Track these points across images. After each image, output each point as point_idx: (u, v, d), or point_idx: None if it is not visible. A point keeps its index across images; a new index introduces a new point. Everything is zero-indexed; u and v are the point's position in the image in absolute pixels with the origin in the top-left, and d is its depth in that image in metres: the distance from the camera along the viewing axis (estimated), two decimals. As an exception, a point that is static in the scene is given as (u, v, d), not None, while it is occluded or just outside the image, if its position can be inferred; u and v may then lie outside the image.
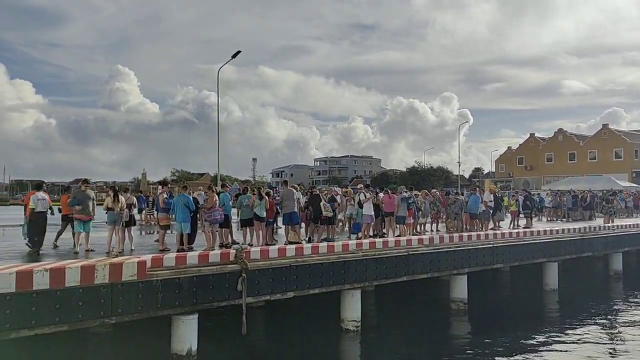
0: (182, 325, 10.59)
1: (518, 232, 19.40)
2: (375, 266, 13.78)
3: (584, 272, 21.75)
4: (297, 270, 12.25)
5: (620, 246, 22.26)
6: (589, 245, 20.58)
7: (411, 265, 14.57)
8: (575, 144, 65.67)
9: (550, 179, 59.36)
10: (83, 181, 14.20)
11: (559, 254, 19.16)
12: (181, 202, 13.24)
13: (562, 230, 20.66)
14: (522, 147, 74.89)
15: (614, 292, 20.27)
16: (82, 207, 12.99)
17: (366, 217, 16.76)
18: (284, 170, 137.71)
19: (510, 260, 17.63)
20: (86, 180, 14.37)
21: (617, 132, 64.69)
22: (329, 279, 12.82)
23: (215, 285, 10.98)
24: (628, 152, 60.65)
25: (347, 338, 13.25)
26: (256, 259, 11.99)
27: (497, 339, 13.62)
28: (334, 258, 13.09)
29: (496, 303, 17.92)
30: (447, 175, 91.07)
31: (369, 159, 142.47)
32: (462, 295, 15.83)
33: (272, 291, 11.90)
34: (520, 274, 19.58)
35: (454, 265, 15.65)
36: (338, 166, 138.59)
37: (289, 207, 14.99)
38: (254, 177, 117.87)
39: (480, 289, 16.87)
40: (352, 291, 13.34)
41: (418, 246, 15.40)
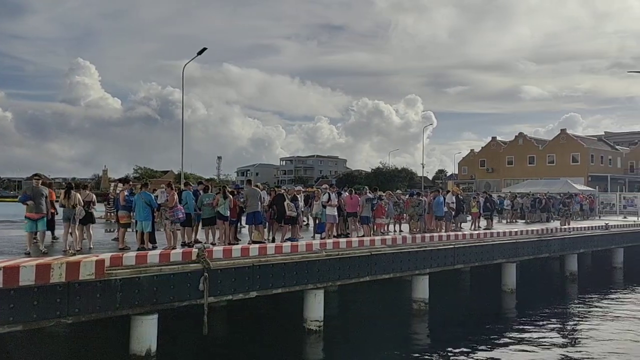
0: (142, 325, 10.41)
1: (478, 234, 19.78)
2: (339, 266, 13.83)
3: (541, 272, 22.36)
4: (260, 270, 12.19)
5: (576, 248, 22.95)
6: (546, 246, 21.15)
7: (374, 266, 14.68)
8: (534, 148, 67.38)
9: (511, 181, 60.81)
10: (34, 176, 13.33)
11: (518, 255, 19.63)
12: (142, 200, 13.00)
13: (521, 232, 21.18)
14: (484, 150, 76.44)
15: (569, 293, 20.90)
16: (33, 203, 12.09)
17: (330, 217, 16.83)
18: (249, 169, 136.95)
19: (471, 261, 17.97)
20: (38, 175, 13.50)
21: (574, 137, 66.70)
22: (292, 279, 12.81)
23: (176, 285, 10.83)
24: (584, 156, 62.61)
25: (309, 338, 13.26)
26: (219, 258, 11.88)
27: (457, 339, 13.85)
28: (297, 258, 13.08)
29: (456, 303, 18.23)
30: (411, 176, 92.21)
31: (335, 159, 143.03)
32: (423, 295, 16.05)
33: (235, 291, 11.81)
34: (480, 275, 20.00)
35: (416, 266, 15.85)
36: (304, 166, 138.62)
37: (252, 207, 14.90)
38: (219, 176, 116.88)
39: (441, 289, 17.13)
40: (315, 291, 13.37)
41: (381, 246, 15.53)
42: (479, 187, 65.67)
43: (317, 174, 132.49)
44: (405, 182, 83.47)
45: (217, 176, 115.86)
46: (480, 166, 74.66)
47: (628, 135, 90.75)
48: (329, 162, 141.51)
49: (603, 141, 74.09)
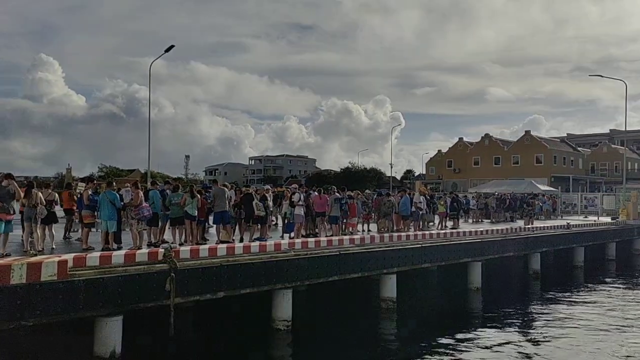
0: (106, 327, 10.22)
1: (445, 233, 20.07)
2: (307, 266, 13.84)
3: (505, 271, 22.79)
4: (228, 270, 12.10)
5: (539, 247, 23.50)
6: (510, 245, 21.60)
7: (343, 265, 14.74)
8: (500, 149, 68.72)
9: (477, 181, 61.81)
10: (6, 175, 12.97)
11: (483, 254, 19.99)
12: (107, 199, 12.75)
13: (486, 231, 21.57)
14: (451, 151, 77.54)
15: (532, 291, 21.38)
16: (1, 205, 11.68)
17: (297, 217, 16.84)
18: (218, 168, 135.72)
19: (438, 260, 18.20)
20: (9, 175, 13.15)
21: (538, 138, 68.26)
22: (261, 279, 12.75)
23: (142, 286, 10.66)
24: (548, 157, 64.16)
25: (277, 338, 13.23)
26: (186, 258, 11.75)
27: (424, 337, 14.02)
28: (265, 258, 13.03)
29: (424, 301, 18.43)
30: (380, 176, 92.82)
31: (304, 158, 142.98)
32: (391, 294, 16.18)
33: (202, 291, 11.70)
34: (447, 273, 20.26)
35: (384, 265, 15.97)
36: (273, 165, 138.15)
37: (220, 206, 14.78)
38: (187, 175, 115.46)
39: (408, 288, 17.30)
40: (284, 291, 13.34)
41: (349, 246, 15.61)
42: (446, 187, 66.60)
43: (287, 173, 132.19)
44: (374, 182, 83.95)
45: (185, 175, 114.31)
46: (448, 166, 75.73)
47: (589, 137, 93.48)
48: (299, 161, 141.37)
49: (565, 143, 76.07)
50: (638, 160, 76.76)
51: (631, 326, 15.37)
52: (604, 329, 14.99)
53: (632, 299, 19.64)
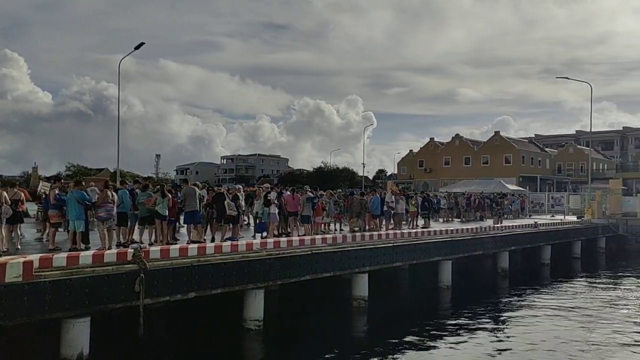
0: (73, 329, 10.02)
1: (417, 232, 20.28)
2: (280, 265, 13.82)
3: (475, 269, 23.16)
4: (199, 270, 12.01)
5: (507, 245, 23.94)
6: (480, 244, 21.96)
7: (315, 264, 14.76)
8: (470, 149, 69.74)
9: (448, 181, 62.61)
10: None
11: (453, 252, 20.27)
12: (74, 199, 12.50)
13: (457, 230, 21.88)
14: (422, 151, 78.34)
15: (501, 288, 21.77)
16: None
17: (273, 216, 16.81)
18: (189, 167, 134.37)
19: (409, 259, 18.39)
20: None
21: (507, 139, 69.51)
22: (232, 279, 12.69)
23: (110, 287, 10.50)
24: (516, 157, 65.39)
25: (249, 338, 13.19)
26: (156, 258, 11.60)
27: (396, 335, 14.13)
28: (237, 257, 12.97)
29: (395, 300, 18.60)
30: (352, 176, 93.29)
31: (277, 158, 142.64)
32: (363, 293, 16.28)
33: (173, 292, 11.57)
34: (418, 272, 20.48)
35: (356, 264, 16.06)
36: (245, 165, 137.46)
37: (191, 206, 14.64)
38: (157, 174, 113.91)
39: (380, 287, 17.42)
40: (256, 291, 13.30)
41: (322, 245, 15.64)
42: (417, 186, 67.24)
43: (259, 172, 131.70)
44: (347, 182, 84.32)
45: (156, 174, 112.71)
46: (419, 166, 76.48)
47: (556, 138, 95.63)
48: (271, 161, 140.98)
49: (533, 143, 77.64)
50: (603, 161, 78.85)
51: (594, 322, 15.79)
52: (569, 326, 15.37)
53: (596, 297, 20.17)
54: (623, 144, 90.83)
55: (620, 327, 15.21)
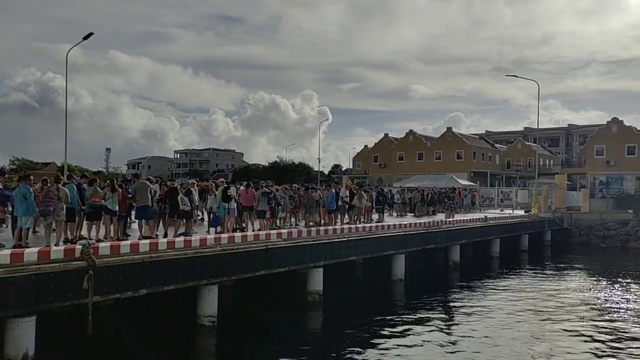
0: (17, 329, 9.66)
1: (371, 227, 20.51)
2: (234, 261, 13.71)
3: (427, 262, 23.64)
4: (150, 266, 11.77)
5: (459, 239, 24.54)
6: (432, 238, 22.41)
7: (270, 259, 14.72)
8: (423, 145, 70.92)
9: (402, 176, 63.51)
10: None
11: (407, 246, 20.61)
12: (20, 194, 12.00)
13: (410, 224, 22.24)
14: (377, 146, 79.13)
15: (452, 281, 22.30)
16: None
17: (232, 211, 16.69)
18: (141, 161, 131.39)
19: (363, 253, 18.58)
20: None
21: (458, 135, 71.06)
22: (185, 275, 12.50)
23: (57, 284, 10.16)
24: (467, 153, 66.95)
25: (202, 334, 13.05)
26: (105, 255, 11.30)
27: (350, 328, 14.28)
28: (191, 253, 12.78)
29: (350, 293, 18.78)
30: (308, 171, 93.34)
31: (231, 152, 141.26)
32: (318, 287, 16.34)
33: (123, 289, 11.31)
34: (372, 265, 20.75)
35: (311, 259, 16.10)
36: (199, 159, 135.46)
37: (142, 201, 14.32)
38: (108, 168, 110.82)
39: (335, 281, 17.54)
40: (210, 286, 13.15)
41: (277, 240, 15.60)
42: (372, 181, 67.97)
43: (213, 167, 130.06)
44: (303, 177, 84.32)
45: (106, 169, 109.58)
46: (374, 161, 77.22)
47: (505, 134, 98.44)
48: (226, 155, 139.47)
49: (484, 139, 79.65)
50: (549, 157, 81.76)
51: (540, 312, 16.40)
52: (517, 317, 15.90)
53: (542, 288, 20.94)
54: (568, 141, 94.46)
55: (564, 317, 15.85)
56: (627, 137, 52.99)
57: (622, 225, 37.02)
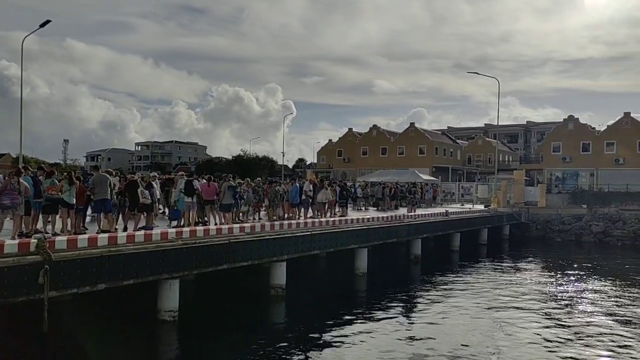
0: (-32, 326, 9.30)
1: (334, 221, 20.60)
2: (196, 255, 13.55)
3: (389, 256, 23.93)
4: (109, 261, 11.52)
5: (420, 233, 24.91)
6: (394, 232, 22.67)
7: (232, 253, 14.61)
8: (387, 140, 71.55)
9: (366, 171, 63.94)
10: None
11: (369, 240, 20.79)
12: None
13: (372, 218, 22.44)
14: (341, 141, 79.43)
15: (413, 274, 22.66)
16: None
17: (193, 204, 16.45)
18: (101, 153, 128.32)
19: (327, 247, 18.65)
20: None
21: (421, 130, 71.98)
22: (146, 269, 12.29)
23: (11, 279, 9.84)
24: (430, 149, 67.91)
25: (163, 329, 12.87)
26: (62, 249, 11.00)
27: (312, 322, 14.33)
28: (151, 247, 12.57)
29: (312, 287, 18.85)
30: (272, 164, 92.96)
31: (194, 145, 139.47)
32: (281, 281, 16.33)
33: (81, 284, 11.03)
34: (335, 259, 20.88)
35: (274, 253, 16.07)
36: (161, 152, 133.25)
37: (101, 194, 13.98)
38: (66, 160, 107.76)
39: (298, 275, 17.57)
40: (171, 281, 12.97)
41: (240, 234, 15.50)
42: (336, 176, 68.21)
43: (176, 160, 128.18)
44: (266, 170, 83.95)
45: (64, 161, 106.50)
46: (338, 156, 77.51)
47: (466, 130, 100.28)
48: (188, 148, 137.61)
49: (446, 135, 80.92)
50: (508, 153, 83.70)
51: (497, 304, 16.82)
52: (476, 309, 16.27)
53: (500, 280, 21.47)
54: (527, 138, 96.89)
55: (521, 308, 16.29)
56: (582, 134, 54.72)
57: (577, 219, 38.31)
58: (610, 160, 51.85)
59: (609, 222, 37.02)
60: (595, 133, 55.13)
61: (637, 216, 37.25)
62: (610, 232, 35.93)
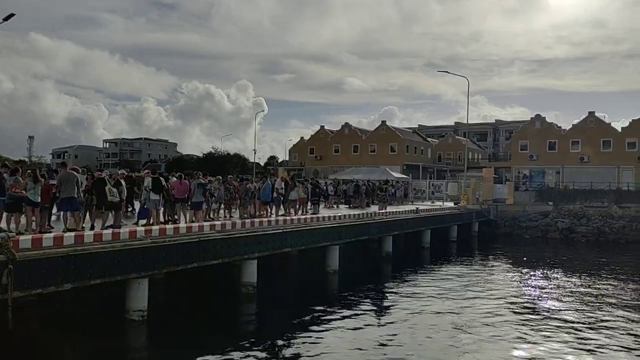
0: None
1: (306, 218, 20.59)
2: (165, 253, 13.38)
3: (361, 253, 24.06)
4: (76, 260, 11.28)
5: (391, 230, 25.10)
6: (365, 229, 22.79)
7: (203, 252, 14.47)
8: (358, 137, 71.88)
9: (338, 169, 64.14)
10: None
11: (341, 237, 20.85)
12: None
13: (344, 216, 22.52)
14: (313, 138, 79.44)
15: (385, 271, 22.82)
16: None
17: (159, 202, 16.23)
18: (67, 150, 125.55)
19: (298, 245, 18.63)
20: None
21: (392, 128, 72.51)
22: (114, 269, 12.07)
23: (-28, 280, 9.53)
24: (401, 147, 68.46)
25: (132, 329, 12.67)
26: (27, 248, 10.74)
27: (283, 320, 14.31)
28: (119, 246, 12.36)
29: (284, 285, 18.83)
30: (244, 162, 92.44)
31: (164, 142, 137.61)
32: (252, 279, 16.25)
33: (46, 284, 10.77)
34: (307, 257, 20.88)
35: (245, 251, 15.97)
36: (130, 149, 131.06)
37: (67, 192, 13.67)
38: (31, 157, 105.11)
39: (269, 273, 17.51)
40: (139, 280, 12.78)
41: (210, 232, 15.37)
42: (308, 173, 68.20)
43: (145, 157, 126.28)
44: (238, 168, 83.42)
45: (29, 158, 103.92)
46: (310, 153, 77.48)
47: (437, 128, 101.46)
48: (158, 145, 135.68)
49: (417, 133, 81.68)
50: (477, 151, 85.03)
51: (466, 300, 17.08)
52: (447, 305, 16.49)
53: (470, 276, 21.81)
54: (495, 136, 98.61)
55: (489, 304, 16.58)
56: (548, 133, 55.94)
57: (543, 216, 39.17)
58: (576, 158, 53.16)
59: (574, 219, 37.95)
60: (562, 132, 56.45)
61: (601, 213, 38.29)
62: (575, 229, 36.83)
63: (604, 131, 52.79)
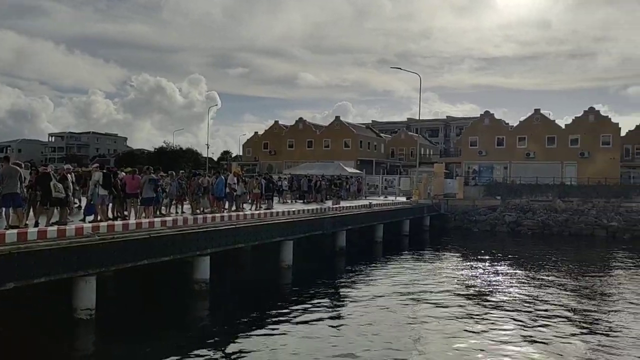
0: None
1: (259, 214, 20.49)
2: (113, 250, 13.04)
3: (315, 248, 24.13)
4: (18, 258, 10.85)
5: (345, 225, 25.30)
6: (319, 224, 22.88)
7: (153, 248, 14.19)
8: (312, 133, 72.02)
9: (292, 164, 64.06)
10: None
11: (295, 233, 20.86)
12: None
13: (298, 211, 22.53)
14: (267, 133, 79.07)
15: (338, 266, 22.97)
16: None
17: (100, 197, 15.75)
18: (10, 144, 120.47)
19: (252, 240, 18.53)
20: None
21: (346, 124, 73.00)
22: (59, 267, 11.68)
23: None
24: (354, 142, 69.05)
25: (79, 328, 12.31)
26: (-36, 247, 10.24)
27: (236, 317, 14.19)
28: (65, 243, 11.96)
29: (237, 281, 18.67)
30: (197, 157, 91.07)
31: (114, 136, 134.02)
32: (204, 275, 16.05)
33: (-14, 283, 10.32)
34: (261, 253, 20.78)
35: (197, 247, 15.76)
36: (77, 143, 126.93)
37: (9, 187, 13.10)
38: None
39: (222, 269, 17.34)
40: (87, 278, 12.41)
41: (161, 228, 15.08)
42: (262, 168, 67.85)
43: (94, 152, 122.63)
44: (191, 163, 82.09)
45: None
46: (264, 148, 77.11)
47: (390, 124, 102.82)
48: (107, 139, 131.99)
49: (370, 129, 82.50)
50: (429, 147, 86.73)
51: (417, 294, 17.43)
52: (397, 298, 16.77)
53: (421, 269, 22.25)
54: (446, 132, 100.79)
55: (440, 296, 16.97)
56: (497, 129, 57.57)
57: (492, 210, 40.38)
58: (522, 154, 54.93)
59: (521, 213, 39.30)
60: (509, 128, 58.20)
61: (546, 207, 39.82)
62: (521, 222, 38.13)
63: (548, 128, 54.72)
